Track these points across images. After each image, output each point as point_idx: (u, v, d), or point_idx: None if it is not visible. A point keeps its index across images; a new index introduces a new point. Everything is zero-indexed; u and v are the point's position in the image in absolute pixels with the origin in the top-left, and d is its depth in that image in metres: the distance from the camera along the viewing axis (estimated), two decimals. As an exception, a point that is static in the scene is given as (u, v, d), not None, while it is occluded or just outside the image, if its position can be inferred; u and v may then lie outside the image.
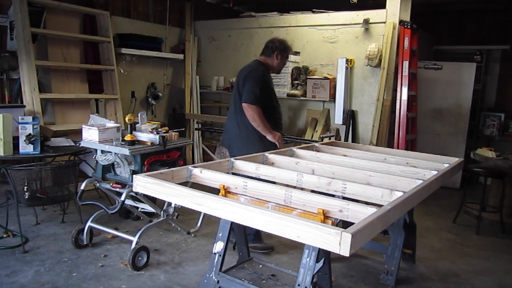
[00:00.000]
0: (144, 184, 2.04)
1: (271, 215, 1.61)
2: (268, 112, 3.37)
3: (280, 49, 3.48)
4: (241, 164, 2.63)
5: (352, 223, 1.54)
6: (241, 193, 2.21)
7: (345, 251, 1.41)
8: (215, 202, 1.78)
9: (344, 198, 2.17)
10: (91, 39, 5.30)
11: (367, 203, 1.95)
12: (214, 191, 2.06)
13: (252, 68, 3.42)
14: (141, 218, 3.77)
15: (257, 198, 2.16)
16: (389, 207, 1.76)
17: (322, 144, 3.55)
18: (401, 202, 1.89)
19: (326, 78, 5.41)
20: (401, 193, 2.03)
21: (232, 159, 2.65)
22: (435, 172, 2.60)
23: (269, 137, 3.35)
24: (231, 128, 3.49)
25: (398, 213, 1.90)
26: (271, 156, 2.89)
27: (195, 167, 2.34)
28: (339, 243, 1.41)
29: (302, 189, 2.25)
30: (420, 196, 2.18)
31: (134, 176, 2.09)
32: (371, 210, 1.74)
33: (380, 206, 1.81)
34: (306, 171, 2.60)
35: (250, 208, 1.68)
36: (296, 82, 5.66)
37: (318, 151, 3.32)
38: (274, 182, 2.39)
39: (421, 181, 2.30)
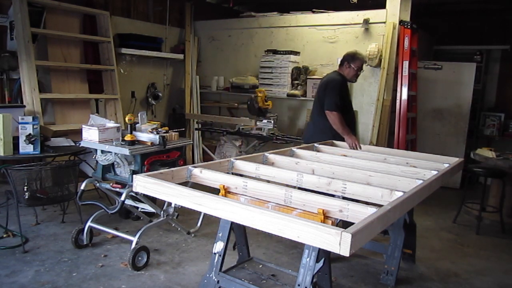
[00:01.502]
0: (144, 184, 2.04)
1: (271, 215, 1.61)
2: (343, 116, 3.77)
3: (347, 59, 3.89)
4: (241, 164, 2.63)
5: (352, 223, 1.54)
6: (241, 193, 2.21)
7: (345, 251, 1.41)
8: (215, 202, 1.79)
9: (344, 198, 2.17)
10: (91, 39, 5.30)
11: (367, 203, 1.95)
12: (214, 191, 2.07)
13: (331, 79, 3.87)
14: (141, 218, 3.77)
15: (257, 198, 2.17)
16: (389, 207, 1.76)
17: (322, 144, 3.55)
18: (401, 202, 1.89)
19: (326, 78, 5.40)
20: (401, 193, 2.03)
21: (232, 159, 2.65)
22: (435, 172, 2.60)
23: (346, 138, 3.73)
24: (313, 127, 4.02)
25: (398, 213, 1.90)
26: (271, 156, 2.89)
27: (195, 167, 2.34)
28: (339, 243, 1.42)
29: (302, 189, 2.25)
30: (420, 196, 2.18)
31: (134, 176, 2.09)
32: (371, 210, 1.74)
33: (380, 206, 1.81)
34: (306, 171, 2.61)
35: (250, 208, 1.68)
36: (296, 82, 5.66)
37: (318, 151, 3.32)
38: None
39: (421, 181, 2.30)
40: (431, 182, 2.37)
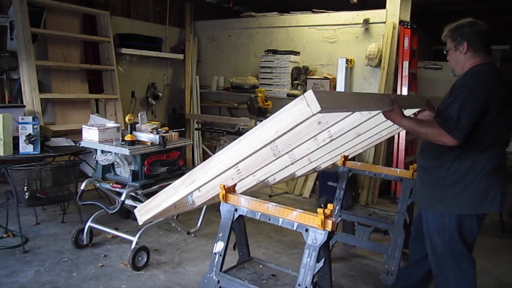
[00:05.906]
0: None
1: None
2: None
3: None
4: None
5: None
6: (238, 180, 2.18)
7: (315, 107, 1.41)
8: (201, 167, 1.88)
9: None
10: (91, 39, 5.30)
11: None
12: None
13: None
14: (141, 218, 3.76)
15: (255, 188, 2.17)
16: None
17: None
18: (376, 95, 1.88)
19: (326, 78, 5.41)
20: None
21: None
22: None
23: None
24: None
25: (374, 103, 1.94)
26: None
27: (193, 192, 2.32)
28: (307, 105, 1.43)
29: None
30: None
31: (135, 211, 2.13)
32: None
33: None
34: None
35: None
36: (296, 82, 5.66)
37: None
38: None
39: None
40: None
